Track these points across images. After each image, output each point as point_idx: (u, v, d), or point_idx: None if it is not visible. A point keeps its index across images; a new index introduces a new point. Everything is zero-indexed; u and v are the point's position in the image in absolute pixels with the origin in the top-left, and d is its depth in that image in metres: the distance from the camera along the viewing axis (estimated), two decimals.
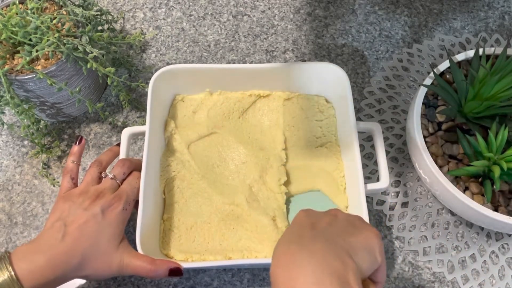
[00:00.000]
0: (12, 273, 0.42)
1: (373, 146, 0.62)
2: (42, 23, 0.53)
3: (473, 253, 0.57)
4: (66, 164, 0.52)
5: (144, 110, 0.64)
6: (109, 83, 0.56)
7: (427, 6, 0.74)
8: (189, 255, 0.51)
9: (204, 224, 0.54)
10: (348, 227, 0.38)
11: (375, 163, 0.61)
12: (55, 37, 0.52)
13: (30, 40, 0.53)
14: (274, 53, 0.70)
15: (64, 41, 0.53)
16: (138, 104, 0.65)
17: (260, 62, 0.69)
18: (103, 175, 0.51)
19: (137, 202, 0.50)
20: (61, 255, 0.44)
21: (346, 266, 0.33)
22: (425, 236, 0.57)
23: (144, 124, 0.59)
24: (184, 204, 0.55)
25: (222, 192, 0.55)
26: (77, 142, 0.53)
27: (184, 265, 0.48)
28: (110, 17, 0.63)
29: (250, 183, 0.56)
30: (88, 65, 0.54)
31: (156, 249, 0.52)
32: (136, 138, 0.63)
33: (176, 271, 0.47)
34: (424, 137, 0.54)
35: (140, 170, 0.51)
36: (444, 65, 0.58)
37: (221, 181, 0.56)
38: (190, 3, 0.74)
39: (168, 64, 0.69)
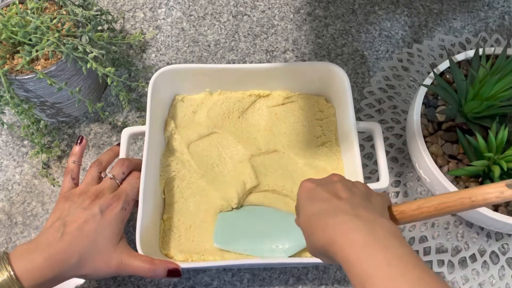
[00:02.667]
0: (12, 272, 0.42)
1: (373, 146, 0.62)
2: (42, 23, 0.53)
3: (473, 253, 0.56)
4: (67, 165, 0.52)
5: (144, 110, 0.64)
6: (109, 83, 0.56)
7: (427, 6, 0.74)
8: (189, 255, 0.51)
9: (203, 223, 0.54)
10: (363, 193, 0.41)
11: (375, 163, 0.61)
12: (55, 37, 0.52)
13: (30, 40, 0.53)
14: (274, 53, 0.70)
15: (64, 41, 0.53)
16: (138, 104, 0.65)
17: (260, 62, 0.69)
18: (102, 175, 0.51)
19: (137, 201, 0.50)
20: (59, 253, 0.44)
21: (390, 222, 0.36)
22: (425, 236, 0.57)
23: (144, 124, 0.59)
24: (183, 204, 0.55)
25: (218, 190, 0.55)
26: (78, 142, 0.53)
27: (184, 265, 0.48)
28: (110, 17, 0.63)
29: (244, 179, 0.55)
30: (88, 65, 0.54)
31: (156, 249, 0.52)
32: (136, 138, 0.63)
33: (174, 272, 0.47)
34: (424, 137, 0.54)
35: (140, 170, 0.51)
36: (444, 65, 0.58)
37: (220, 179, 0.56)
38: (190, 3, 0.74)
39: (168, 64, 0.69)
